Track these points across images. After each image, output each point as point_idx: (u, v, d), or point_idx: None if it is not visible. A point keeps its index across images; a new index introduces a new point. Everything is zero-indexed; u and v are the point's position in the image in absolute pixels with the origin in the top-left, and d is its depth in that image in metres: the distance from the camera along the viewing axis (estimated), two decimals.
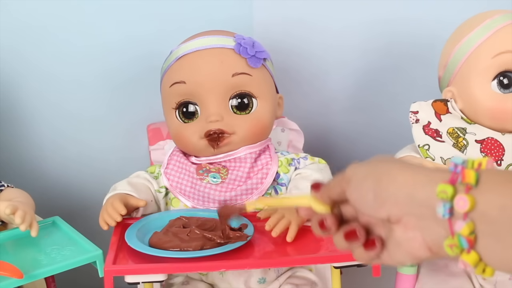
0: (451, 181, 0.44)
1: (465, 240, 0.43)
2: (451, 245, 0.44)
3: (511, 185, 0.42)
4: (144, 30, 1.11)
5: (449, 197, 0.43)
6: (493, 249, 0.43)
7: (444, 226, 0.44)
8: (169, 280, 0.93)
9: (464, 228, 0.43)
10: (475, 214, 0.43)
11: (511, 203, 0.41)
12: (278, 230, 0.80)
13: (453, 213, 0.43)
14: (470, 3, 1.12)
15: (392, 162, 0.49)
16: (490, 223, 0.42)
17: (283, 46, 1.15)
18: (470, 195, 0.43)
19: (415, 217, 0.47)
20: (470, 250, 0.44)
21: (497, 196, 0.42)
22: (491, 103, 0.90)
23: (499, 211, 0.42)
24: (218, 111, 0.91)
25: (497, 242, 0.42)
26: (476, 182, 0.43)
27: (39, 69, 1.10)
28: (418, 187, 0.46)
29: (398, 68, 1.21)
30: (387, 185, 0.47)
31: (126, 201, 0.87)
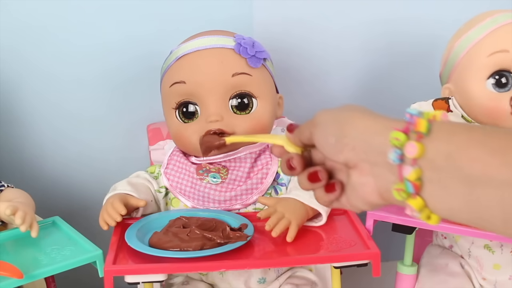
0: (405, 130, 0.46)
1: (411, 185, 0.45)
2: (399, 189, 0.46)
3: (460, 135, 0.44)
4: (144, 30, 1.11)
5: (400, 144, 0.46)
6: (437, 196, 0.45)
7: (395, 172, 0.47)
8: (169, 280, 0.93)
9: (411, 173, 0.45)
10: (423, 161, 0.45)
11: (457, 151, 0.43)
12: (278, 230, 0.80)
13: (404, 160, 0.46)
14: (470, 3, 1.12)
15: (357, 110, 0.51)
16: (436, 170, 0.44)
17: (283, 46, 1.15)
18: (420, 142, 0.45)
19: (369, 163, 0.49)
20: (416, 195, 0.46)
21: (445, 145, 0.44)
22: (485, 101, 0.90)
23: (445, 159, 0.43)
24: (218, 111, 0.91)
25: (441, 189, 0.44)
26: (427, 131, 0.45)
27: (39, 69, 1.10)
28: (374, 134, 0.48)
29: (399, 67, 1.21)
30: (348, 131, 0.50)
31: (126, 201, 0.87)
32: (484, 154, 0.42)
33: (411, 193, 0.45)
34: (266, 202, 0.87)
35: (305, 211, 0.85)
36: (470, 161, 0.42)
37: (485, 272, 0.93)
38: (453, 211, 0.44)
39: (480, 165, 0.42)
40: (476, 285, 0.94)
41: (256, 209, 0.91)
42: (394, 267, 0.96)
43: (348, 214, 0.89)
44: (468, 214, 0.43)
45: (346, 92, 1.22)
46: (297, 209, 0.84)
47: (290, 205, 0.84)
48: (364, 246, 0.80)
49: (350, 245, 0.80)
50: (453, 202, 0.44)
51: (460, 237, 0.96)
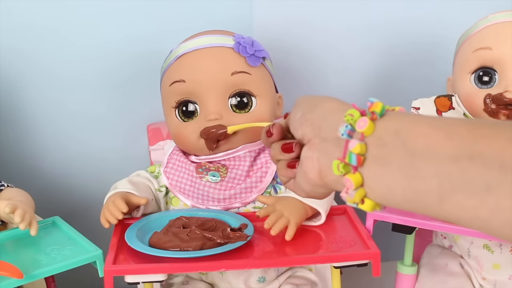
0: (362, 111, 0.48)
1: (355, 157, 0.46)
2: (340, 162, 0.47)
3: (410, 117, 0.46)
4: (144, 30, 1.11)
5: (353, 120, 0.47)
6: (377, 173, 0.46)
7: (340, 147, 0.48)
8: (169, 280, 0.93)
9: (357, 146, 0.46)
10: (371, 139, 0.46)
11: (405, 128, 0.45)
12: (277, 229, 0.80)
13: (352, 136, 0.47)
14: (471, 3, 1.12)
15: (336, 99, 0.53)
16: (381, 146, 0.45)
17: (283, 46, 1.15)
18: (372, 121, 0.46)
19: (320, 138, 0.51)
20: (355, 170, 0.47)
21: (394, 123, 0.46)
22: (466, 95, 0.92)
23: (393, 135, 0.45)
24: (218, 109, 0.91)
25: (383, 166, 0.45)
26: (381, 112, 0.47)
27: (40, 68, 1.10)
28: (334, 113, 0.51)
29: (399, 68, 1.21)
30: (313, 109, 0.52)
31: (128, 199, 0.87)
32: (429, 130, 0.43)
33: (353, 165, 0.46)
34: (265, 200, 0.87)
35: (304, 210, 0.85)
36: (415, 135, 0.44)
37: (484, 272, 0.93)
38: (390, 189, 0.45)
39: (424, 139, 0.43)
40: (476, 285, 0.94)
41: (256, 207, 0.91)
42: (394, 267, 0.96)
43: (348, 214, 0.89)
44: (405, 191, 0.44)
45: (346, 92, 1.22)
46: (296, 208, 0.84)
47: (289, 203, 0.84)
48: (364, 246, 0.80)
49: (350, 245, 0.80)
50: (392, 179, 0.44)
51: (459, 237, 0.96)
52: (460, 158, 0.41)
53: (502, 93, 0.88)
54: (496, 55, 0.89)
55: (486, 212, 0.40)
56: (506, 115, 0.88)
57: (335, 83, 1.21)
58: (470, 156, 0.40)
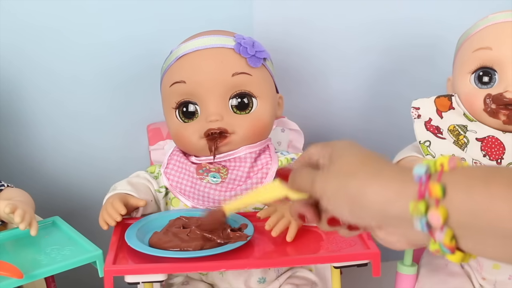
0: (420, 197, 0.45)
1: (447, 248, 0.45)
2: (436, 250, 0.46)
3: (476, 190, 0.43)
4: (144, 30, 1.11)
5: (422, 213, 0.44)
6: (474, 248, 0.45)
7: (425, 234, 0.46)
8: (169, 280, 0.93)
9: (444, 238, 0.45)
10: (451, 222, 0.44)
11: (479, 210, 0.42)
12: (278, 230, 0.80)
13: (430, 225, 0.45)
14: (471, 3, 1.12)
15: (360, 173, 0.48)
16: (465, 228, 0.44)
17: (283, 46, 1.15)
18: (441, 207, 0.44)
19: (394, 226, 0.49)
20: (454, 250, 0.45)
21: (465, 204, 0.43)
22: (466, 95, 0.92)
23: (471, 217, 0.43)
24: (218, 110, 0.91)
25: (476, 242, 0.44)
26: (443, 194, 0.44)
27: (40, 68, 1.10)
28: (390, 205, 0.46)
29: (399, 68, 1.21)
30: (360, 205, 0.48)
31: (126, 200, 0.87)
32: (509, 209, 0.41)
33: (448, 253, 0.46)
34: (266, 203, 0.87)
35: None
36: (497, 219, 0.41)
37: (484, 272, 0.93)
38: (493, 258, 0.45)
39: (509, 222, 0.41)
40: (476, 285, 0.94)
41: (256, 208, 0.91)
42: (394, 267, 0.96)
43: None
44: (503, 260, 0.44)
45: (346, 92, 1.22)
46: None
47: None
48: (364, 246, 0.79)
49: (350, 245, 0.80)
50: (491, 250, 0.44)
51: None
52: None
53: (502, 93, 0.88)
54: (496, 55, 0.89)
55: None
56: (506, 115, 0.88)
57: (335, 83, 1.21)
58: None
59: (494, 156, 0.90)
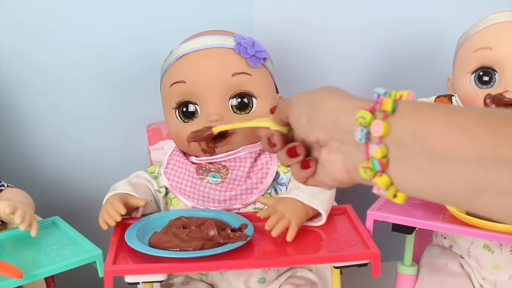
0: (371, 109, 0.47)
1: (378, 162, 0.46)
2: (366, 167, 0.48)
3: (424, 113, 0.45)
4: (144, 30, 1.11)
5: (367, 123, 0.47)
6: (402, 173, 0.46)
7: (362, 150, 0.48)
8: (169, 280, 0.93)
9: (377, 151, 0.46)
10: (389, 139, 0.46)
11: (422, 128, 0.44)
12: (278, 230, 0.80)
13: (370, 138, 0.47)
14: (470, 2, 1.12)
15: (331, 91, 0.54)
16: (401, 147, 0.45)
17: (283, 46, 1.15)
18: (385, 121, 0.46)
19: (338, 142, 0.51)
20: (382, 173, 0.47)
21: (409, 123, 0.45)
22: (466, 95, 0.92)
23: (410, 136, 0.44)
24: (218, 110, 0.91)
25: (406, 165, 0.45)
26: (392, 110, 0.46)
27: (39, 68, 1.10)
28: (342, 114, 0.50)
29: (399, 67, 1.21)
30: (318, 112, 0.52)
31: (126, 200, 0.87)
32: (447, 130, 0.43)
33: (378, 170, 0.47)
34: (266, 201, 0.87)
35: (305, 211, 0.85)
36: (434, 137, 0.43)
37: (485, 272, 0.93)
38: (418, 187, 0.45)
39: (443, 141, 0.43)
40: (476, 285, 0.94)
41: (256, 208, 0.91)
42: (394, 267, 0.96)
43: (348, 214, 0.89)
44: (432, 190, 0.44)
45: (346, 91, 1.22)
46: (297, 209, 0.84)
47: (290, 205, 0.84)
48: (364, 246, 0.80)
49: (350, 245, 0.80)
50: (417, 178, 0.45)
51: (459, 237, 0.96)
52: (483, 161, 0.40)
53: (502, 93, 0.88)
54: (496, 55, 0.89)
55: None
56: None
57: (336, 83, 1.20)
58: (494, 159, 0.40)
59: None
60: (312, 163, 0.54)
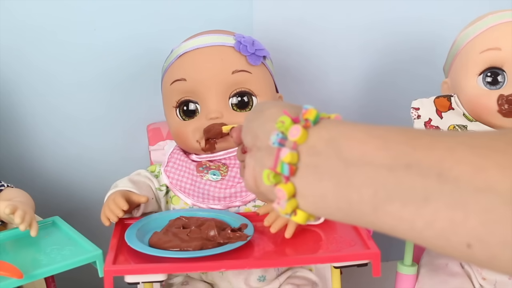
0: (295, 118, 0.46)
1: (287, 166, 0.45)
2: (270, 173, 0.46)
3: (345, 125, 0.44)
4: (144, 30, 1.11)
5: (285, 128, 0.46)
6: (309, 180, 0.44)
7: (273, 157, 0.46)
8: (169, 280, 0.93)
9: (288, 155, 0.45)
10: (304, 147, 0.45)
11: (338, 136, 0.43)
12: (277, 226, 0.80)
13: (284, 145, 0.45)
14: (471, 2, 1.12)
15: (282, 103, 0.54)
16: (314, 154, 0.44)
17: (283, 45, 1.16)
18: (305, 128, 0.45)
19: (256, 148, 0.50)
20: (288, 180, 0.45)
21: (328, 132, 0.44)
22: (475, 97, 0.91)
23: (326, 143, 0.43)
24: (218, 108, 0.91)
25: (315, 172, 0.44)
26: (315, 120, 0.45)
27: (38, 69, 1.10)
28: (270, 119, 0.49)
29: (399, 67, 1.21)
30: (256, 117, 0.51)
31: (128, 197, 0.87)
32: (365, 138, 0.42)
33: (284, 175, 0.45)
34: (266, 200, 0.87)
35: None
36: (350, 143, 0.42)
37: (485, 272, 0.93)
38: (323, 197, 0.43)
39: (359, 148, 0.42)
40: (476, 285, 0.94)
41: (256, 206, 0.91)
42: (394, 267, 0.96)
43: None
44: (338, 200, 0.42)
45: (346, 92, 1.22)
46: None
47: None
48: (364, 246, 0.79)
49: (350, 245, 0.80)
50: (324, 186, 0.43)
51: None
52: (396, 166, 0.39)
53: None
54: (505, 55, 0.88)
55: (421, 223, 0.38)
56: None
57: (335, 82, 1.21)
58: (407, 165, 0.38)
59: None
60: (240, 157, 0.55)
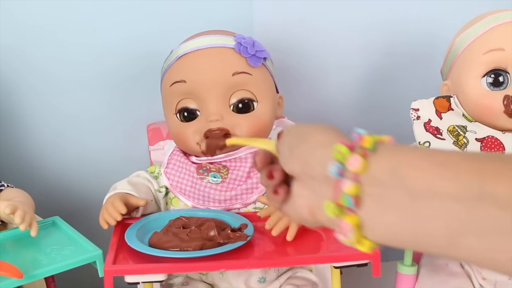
0: (350, 145, 0.45)
1: (351, 199, 0.43)
2: (333, 205, 0.44)
3: (403, 152, 0.43)
4: (144, 30, 1.11)
5: (343, 157, 0.44)
6: (376, 212, 0.42)
7: (331, 188, 0.45)
8: (169, 281, 0.93)
9: (352, 187, 0.43)
10: (365, 177, 0.43)
11: (400, 166, 0.42)
12: (278, 229, 0.80)
13: (344, 175, 0.44)
14: (471, 3, 1.12)
15: (321, 125, 0.51)
16: (378, 185, 0.42)
17: (283, 46, 1.15)
18: (364, 158, 0.43)
19: (309, 176, 0.48)
20: (353, 212, 0.44)
21: (389, 161, 0.43)
22: (479, 99, 0.91)
23: (388, 175, 0.42)
24: (218, 110, 0.91)
25: (380, 205, 0.42)
26: (373, 148, 0.44)
27: (39, 69, 1.10)
28: (319, 147, 0.47)
29: (398, 67, 1.21)
30: (300, 143, 0.50)
31: (127, 200, 0.87)
32: (429, 166, 0.40)
33: (348, 207, 0.43)
34: (266, 201, 0.87)
35: None
36: (414, 173, 0.41)
37: (485, 272, 0.93)
38: (392, 230, 0.42)
39: (424, 178, 0.40)
40: (476, 285, 0.94)
41: (256, 208, 0.91)
42: (394, 267, 0.96)
43: None
44: (409, 233, 0.41)
45: (346, 92, 1.22)
46: None
47: None
48: None
49: None
50: (393, 219, 0.42)
51: None
52: (466, 198, 0.38)
53: None
54: (509, 56, 0.88)
55: (504, 257, 0.37)
56: None
57: (335, 83, 1.21)
58: (479, 196, 0.37)
59: None
60: (281, 190, 0.52)
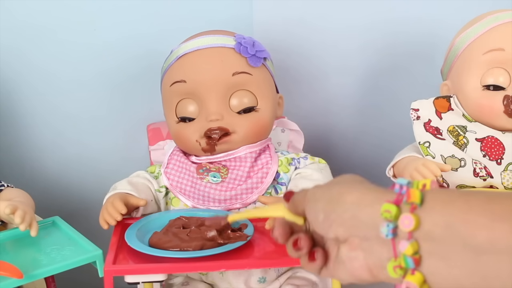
0: (396, 202, 0.44)
1: (411, 259, 0.43)
2: (395, 266, 0.44)
3: (455, 204, 0.41)
4: (144, 30, 1.11)
5: (393, 217, 0.43)
6: (438, 268, 0.42)
7: (387, 247, 0.44)
8: (169, 281, 0.93)
9: (409, 247, 0.43)
10: (420, 233, 0.42)
11: (456, 221, 0.41)
12: None
13: (397, 233, 0.43)
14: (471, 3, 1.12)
15: (347, 182, 0.50)
16: (434, 241, 0.42)
17: (283, 46, 1.16)
18: (415, 214, 0.43)
19: (359, 238, 0.47)
20: (415, 271, 0.43)
21: (441, 215, 0.42)
22: (479, 99, 0.91)
23: (444, 230, 0.41)
24: (218, 110, 0.91)
25: (442, 260, 0.42)
26: (421, 201, 0.43)
27: (39, 68, 1.11)
28: (362, 208, 0.46)
29: (398, 67, 1.21)
30: (335, 207, 0.48)
31: (127, 200, 0.87)
32: (487, 221, 0.39)
33: (410, 268, 0.43)
34: (266, 201, 0.87)
35: None
36: (473, 229, 0.40)
37: None
38: (457, 284, 0.41)
39: (484, 233, 0.39)
40: None
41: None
42: None
43: None
44: (475, 285, 0.41)
45: (346, 92, 1.22)
46: None
47: None
48: None
49: None
50: (457, 273, 0.41)
51: None
52: None
53: None
54: (509, 56, 0.88)
55: None
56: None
57: (335, 83, 1.21)
58: None
59: (493, 156, 0.90)
60: (318, 255, 0.51)
